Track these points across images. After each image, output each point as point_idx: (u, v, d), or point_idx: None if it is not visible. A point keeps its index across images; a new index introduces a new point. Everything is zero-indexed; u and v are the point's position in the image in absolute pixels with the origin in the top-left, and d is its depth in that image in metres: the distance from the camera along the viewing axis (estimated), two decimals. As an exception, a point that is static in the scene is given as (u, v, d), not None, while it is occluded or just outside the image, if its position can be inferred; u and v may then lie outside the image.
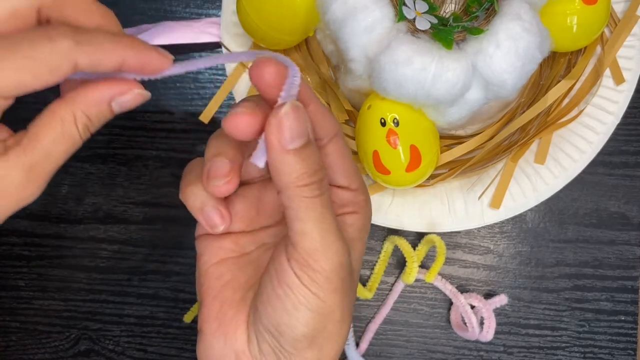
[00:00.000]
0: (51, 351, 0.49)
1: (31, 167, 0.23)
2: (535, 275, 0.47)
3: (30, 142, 0.23)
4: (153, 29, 0.47)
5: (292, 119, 0.23)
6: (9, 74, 0.21)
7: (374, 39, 0.37)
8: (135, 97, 0.25)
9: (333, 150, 0.27)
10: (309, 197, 0.24)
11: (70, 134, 0.24)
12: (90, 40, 0.23)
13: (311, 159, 0.24)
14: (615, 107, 0.44)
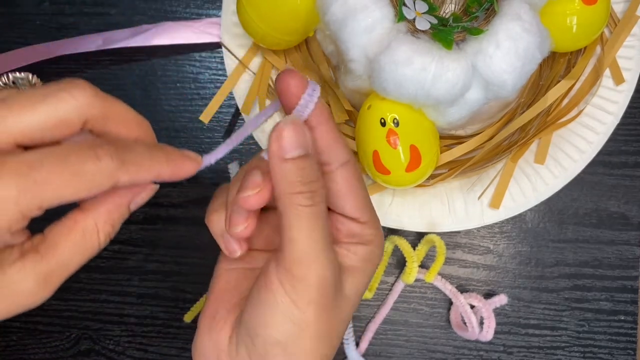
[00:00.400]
0: (51, 351, 0.49)
1: (46, 275, 0.23)
2: (535, 275, 0.47)
3: (48, 251, 0.23)
4: (153, 29, 0.47)
5: (290, 131, 0.25)
6: (54, 188, 0.21)
7: (374, 39, 0.37)
8: (150, 193, 0.25)
9: (342, 178, 0.28)
10: (300, 205, 0.25)
11: (91, 244, 0.24)
12: (132, 160, 0.23)
13: (307, 170, 0.25)
14: (615, 107, 0.44)
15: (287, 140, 0.25)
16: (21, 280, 0.23)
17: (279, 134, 0.25)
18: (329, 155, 0.27)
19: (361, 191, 0.28)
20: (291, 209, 0.25)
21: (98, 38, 0.48)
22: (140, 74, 0.49)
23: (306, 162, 0.25)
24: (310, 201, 0.25)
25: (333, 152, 0.27)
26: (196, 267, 0.48)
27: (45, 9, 0.50)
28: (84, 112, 0.23)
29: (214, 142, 0.48)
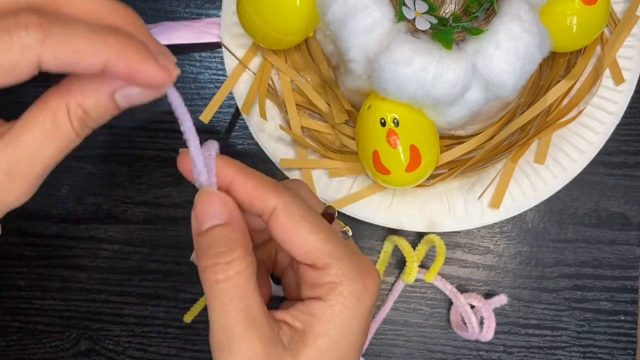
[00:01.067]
0: (51, 351, 0.49)
1: (12, 168, 0.20)
2: (535, 275, 0.47)
3: (12, 139, 0.20)
4: (153, 29, 0.47)
5: (198, 203, 0.24)
6: None
7: (374, 39, 0.37)
8: (146, 92, 0.22)
9: (275, 226, 0.24)
10: (212, 281, 0.24)
11: (63, 129, 0.20)
12: (63, 35, 0.19)
13: (218, 240, 0.24)
14: (615, 107, 0.44)
15: (199, 214, 0.24)
16: None
17: (194, 209, 0.24)
18: (257, 207, 0.25)
19: (307, 234, 0.24)
20: (205, 285, 0.24)
21: (98, 38, 0.47)
22: (140, 74, 0.49)
23: (217, 232, 0.24)
24: (220, 275, 0.23)
25: (257, 202, 0.24)
26: (196, 267, 0.48)
27: (45, 9, 0.50)
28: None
29: (214, 142, 0.48)
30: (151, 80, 0.21)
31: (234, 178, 0.25)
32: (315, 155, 0.45)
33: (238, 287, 0.23)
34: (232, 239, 0.24)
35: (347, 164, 0.44)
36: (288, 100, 0.45)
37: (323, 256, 0.24)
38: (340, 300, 0.24)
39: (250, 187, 0.25)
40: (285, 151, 0.45)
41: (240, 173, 0.25)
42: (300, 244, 0.24)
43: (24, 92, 0.50)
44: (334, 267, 0.24)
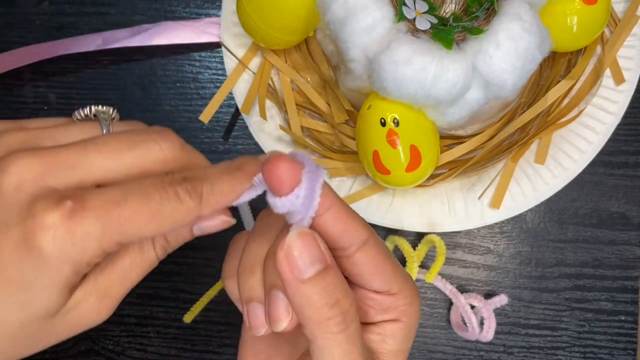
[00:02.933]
0: (51, 351, 0.49)
1: (106, 291, 0.23)
2: (535, 275, 0.47)
3: (107, 267, 0.23)
4: (153, 29, 0.47)
5: (300, 245, 0.22)
6: (136, 226, 0.21)
7: (374, 39, 0.37)
8: (219, 224, 0.23)
9: (365, 259, 0.24)
10: (331, 333, 0.22)
11: (148, 258, 0.24)
12: (211, 193, 0.22)
13: (331, 287, 0.22)
14: (615, 107, 0.44)
15: (299, 258, 0.22)
16: (84, 300, 0.22)
17: (287, 253, 0.21)
18: (345, 240, 0.23)
19: (387, 264, 0.25)
20: (322, 337, 0.22)
21: (98, 38, 0.48)
22: (140, 74, 0.49)
23: (328, 278, 0.22)
24: (342, 325, 0.22)
25: (349, 235, 0.23)
26: (196, 267, 0.48)
27: (45, 9, 0.50)
28: (168, 164, 0.23)
29: (214, 142, 0.48)
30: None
31: (332, 206, 0.23)
32: (315, 155, 0.45)
33: (356, 334, 0.23)
34: (343, 284, 0.23)
35: (347, 164, 0.44)
36: (288, 100, 0.45)
37: (397, 282, 0.25)
38: (414, 319, 0.26)
39: (345, 218, 0.23)
40: (285, 151, 0.45)
41: (338, 201, 0.23)
42: (384, 274, 0.25)
43: (25, 92, 0.50)
44: (406, 290, 0.25)
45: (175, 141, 0.23)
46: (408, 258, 0.44)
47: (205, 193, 0.22)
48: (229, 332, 0.48)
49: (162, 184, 0.21)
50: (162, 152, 0.23)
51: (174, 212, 0.21)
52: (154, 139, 0.23)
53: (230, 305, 0.50)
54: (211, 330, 0.48)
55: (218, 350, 0.48)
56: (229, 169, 0.23)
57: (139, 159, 0.22)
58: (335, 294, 0.22)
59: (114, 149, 0.22)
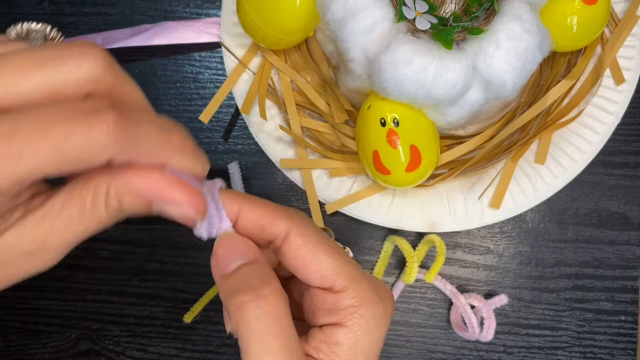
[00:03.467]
0: (51, 351, 0.49)
1: (45, 239, 0.20)
2: (535, 275, 0.47)
3: (52, 210, 0.20)
4: (153, 29, 0.47)
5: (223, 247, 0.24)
6: (29, 163, 0.18)
7: (374, 39, 0.37)
8: (182, 215, 0.22)
9: (289, 250, 0.24)
10: (248, 319, 0.22)
11: (97, 214, 0.21)
12: (136, 136, 0.19)
13: (249, 276, 0.23)
14: (615, 107, 0.44)
15: (222, 258, 0.24)
16: (18, 243, 0.20)
17: (214, 257, 0.24)
18: (269, 234, 0.24)
19: (323, 256, 0.24)
20: (243, 326, 0.22)
21: (98, 38, 0.48)
22: (140, 74, 0.49)
23: (249, 269, 0.23)
24: (259, 310, 0.22)
25: (269, 229, 0.24)
26: (196, 267, 0.48)
27: (45, 9, 0.50)
28: (86, 86, 0.20)
29: (214, 142, 0.48)
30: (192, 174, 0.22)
31: (241, 208, 0.24)
32: (315, 155, 0.45)
33: (279, 325, 0.22)
34: (264, 274, 0.23)
35: (347, 164, 0.44)
36: (288, 100, 0.45)
37: (341, 278, 0.24)
38: (363, 324, 0.24)
39: (258, 214, 0.24)
40: (285, 151, 0.45)
41: (246, 203, 0.25)
42: (317, 266, 0.24)
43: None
44: (353, 290, 0.24)
45: (100, 57, 0.20)
46: (408, 258, 0.44)
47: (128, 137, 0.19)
48: (229, 332, 0.48)
49: (73, 109, 0.18)
50: (80, 70, 0.19)
51: (80, 145, 0.18)
52: (71, 54, 0.19)
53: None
54: (211, 330, 0.48)
55: (218, 350, 0.48)
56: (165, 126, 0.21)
57: (48, 79, 0.19)
58: (252, 282, 0.23)
59: (18, 67, 0.19)
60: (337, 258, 0.24)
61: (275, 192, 0.48)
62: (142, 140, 0.20)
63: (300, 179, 0.45)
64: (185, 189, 0.21)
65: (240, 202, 0.24)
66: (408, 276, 0.44)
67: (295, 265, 0.24)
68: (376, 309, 0.24)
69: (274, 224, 0.24)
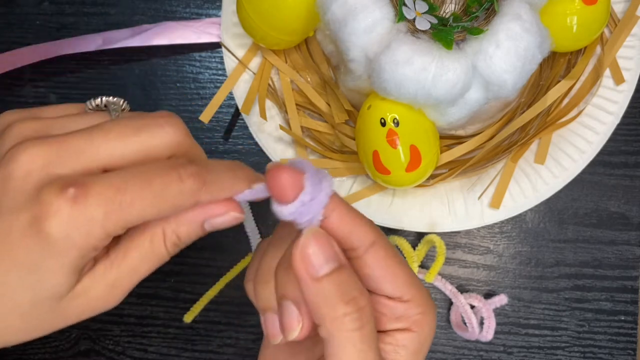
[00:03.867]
0: (51, 351, 0.49)
1: (115, 282, 0.24)
2: (535, 275, 0.47)
3: (117, 258, 0.23)
4: (153, 29, 0.47)
5: (314, 245, 0.23)
6: (138, 210, 0.22)
7: (374, 39, 0.37)
8: (230, 220, 0.24)
9: (373, 261, 0.24)
10: (347, 330, 0.22)
11: (159, 252, 0.24)
12: (214, 181, 0.23)
13: (346, 284, 0.23)
14: (615, 107, 0.44)
15: (314, 256, 0.22)
16: (91, 288, 0.23)
17: (302, 252, 0.22)
18: (353, 241, 0.24)
19: (398, 268, 0.25)
20: (338, 335, 0.22)
21: (98, 38, 0.48)
22: (140, 74, 0.49)
23: (343, 275, 0.23)
24: (358, 323, 0.22)
25: (356, 236, 0.24)
26: (196, 267, 0.48)
27: (45, 9, 0.50)
28: (172, 150, 0.23)
29: (214, 142, 0.48)
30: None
31: (336, 208, 0.24)
32: (315, 155, 0.45)
33: (372, 334, 0.23)
34: (357, 282, 0.23)
35: (347, 164, 0.44)
36: (288, 100, 0.45)
37: (410, 289, 0.25)
38: (427, 330, 0.25)
39: (351, 219, 0.24)
40: (285, 151, 0.45)
41: (343, 204, 0.24)
42: (393, 277, 0.25)
43: (25, 92, 0.50)
44: (419, 299, 0.25)
45: (181, 126, 0.24)
46: (408, 258, 0.44)
47: (208, 179, 0.23)
48: (229, 332, 0.48)
49: (165, 166, 0.22)
50: (167, 136, 0.23)
51: (175, 194, 0.22)
52: (159, 123, 0.23)
53: (231, 305, 0.50)
54: (211, 330, 0.48)
55: (218, 350, 0.48)
56: (231, 166, 0.24)
57: (143, 144, 0.23)
58: (350, 291, 0.22)
59: (119, 134, 0.23)
60: (408, 271, 0.25)
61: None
62: (218, 181, 0.23)
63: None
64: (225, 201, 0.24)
65: (338, 202, 0.24)
66: (408, 276, 0.44)
67: (374, 275, 0.24)
68: (434, 316, 0.26)
69: (365, 232, 0.24)
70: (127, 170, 0.22)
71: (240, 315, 0.48)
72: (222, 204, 0.24)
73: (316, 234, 0.23)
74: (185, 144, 0.24)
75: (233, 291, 0.48)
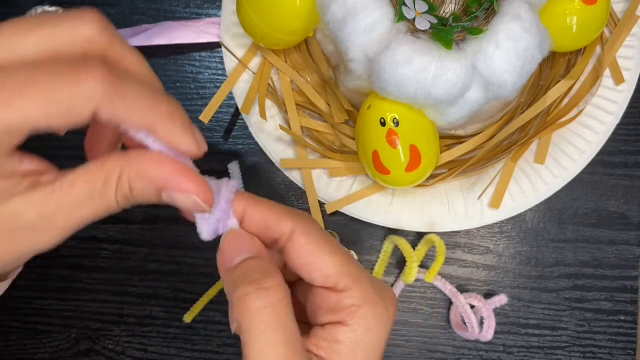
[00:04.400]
0: (51, 351, 0.49)
1: (52, 215, 0.20)
2: (535, 275, 0.47)
3: (61, 187, 0.21)
4: (153, 29, 0.47)
5: (229, 242, 0.25)
6: (18, 108, 0.19)
7: (374, 39, 0.37)
8: (190, 203, 0.22)
9: (293, 249, 0.24)
10: (250, 310, 0.23)
11: (108, 198, 0.21)
12: (124, 92, 0.20)
13: (252, 270, 0.24)
14: (615, 107, 0.44)
15: (228, 250, 0.24)
16: (22, 214, 0.20)
17: (220, 248, 0.25)
18: (272, 233, 0.25)
19: (327, 256, 0.24)
20: (244, 315, 0.23)
21: (98, 38, 0.47)
22: (140, 74, 0.49)
23: (252, 263, 0.24)
24: (261, 302, 0.22)
25: (273, 228, 0.25)
26: (196, 267, 0.48)
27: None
28: (84, 48, 0.20)
29: (214, 142, 0.48)
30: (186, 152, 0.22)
31: (247, 208, 0.25)
32: (315, 155, 0.45)
33: (279, 317, 0.23)
34: (267, 268, 0.24)
35: (347, 164, 0.44)
36: (288, 100, 0.45)
37: (344, 278, 0.24)
38: (364, 324, 0.24)
39: (265, 213, 0.25)
40: (285, 151, 0.45)
41: (252, 203, 0.25)
42: (321, 266, 0.24)
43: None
44: (355, 290, 0.24)
45: (98, 22, 0.21)
46: (408, 258, 0.44)
47: (116, 90, 0.20)
48: (229, 332, 0.48)
49: (62, 63, 0.19)
50: (74, 31, 0.20)
51: (68, 95, 0.19)
52: (66, 17, 0.20)
53: (230, 305, 0.50)
54: (211, 330, 0.48)
55: (218, 350, 0.48)
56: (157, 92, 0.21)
57: (44, 39, 0.20)
58: (255, 275, 0.23)
59: (15, 30, 0.20)
60: (341, 258, 0.24)
61: (275, 192, 0.48)
62: (129, 99, 0.20)
63: (300, 179, 0.45)
64: (196, 179, 0.22)
65: (247, 202, 0.25)
66: (408, 276, 0.44)
67: (299, 264, 0.25)
68: (378, 310, 0.24)
69: (280, 223, 0.25)
70: (13, 68, 0.19)
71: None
72: (192, 181, 0.22)
73: (230, 234, 0.25)
74: (102, 41, 0.21)
75: (233, 291, 0.48)
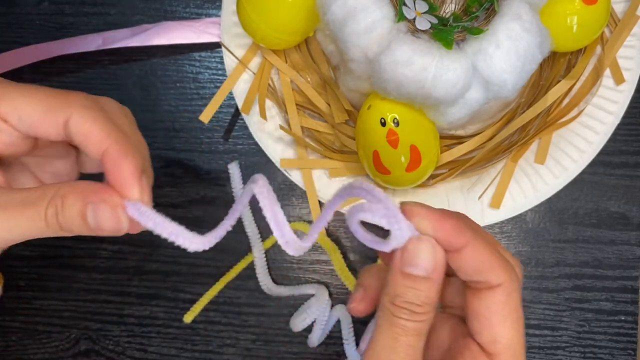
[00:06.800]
0: (51, 351, 0.49)
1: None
2: (535, 275, 0.47)
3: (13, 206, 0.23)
4: (153, 28, 0.47)
5: (413, 245, 0.23)
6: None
7: (374, 39, 0.37)
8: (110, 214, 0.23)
9: (494, 302, 0.24)
10: (398, 321, 0.23)
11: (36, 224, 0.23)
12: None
13: (420, 292, 0.23)
14: (615, 107, 0.44)
15: (408, 253, 0.23)
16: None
17: (404, 247, 0.23)
18: (482, 278, 0.24)
19: (508, 322, 0.24)
20: (388, 319, 0.23)
21: (98, 38, 0.48)
22: (140, 74, 0.49)
23: (424, 285, 0.23)
24: (406, 316, 0.23)
25: (486, 275, 0.23)
26: (196, 267, 0.48)
27: (45, 9, 0.50)
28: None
29: (214, 142, 0.48)
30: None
31: (469, 243, 0.23)
32: (315, 155, 0.45)
33: (410, 346, 0.23)
34: (431, 298, 0.23)
35: (347, 164, 0.44)
36: (288, 100, 0.45)
37: (508, 350, 0.24)
38: None
39: (485, 257, 0.23)
40: (285, 151, 0.45)
41: (476, 239, 0.23)
42: (497, 328, 0.24)
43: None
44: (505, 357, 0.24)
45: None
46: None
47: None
48: (229, 332, 0.48)
49: None
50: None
51: None
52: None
53: (230, 305, 0.50)
54: (211, 330, 0.48)
55: (218, 350, 0.48)
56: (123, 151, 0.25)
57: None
58: (417, 299, 0.23)
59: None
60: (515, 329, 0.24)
61: (276, 192, 0.47)
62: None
63: (300, 179, 0.45)
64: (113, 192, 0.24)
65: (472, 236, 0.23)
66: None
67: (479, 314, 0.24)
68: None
69: (494, 274, 0.24)
70: None
71: (240, 315, 0.48)
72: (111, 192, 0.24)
73: (417, 238, 0.23)
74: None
75: (233, 291, 0.48)
